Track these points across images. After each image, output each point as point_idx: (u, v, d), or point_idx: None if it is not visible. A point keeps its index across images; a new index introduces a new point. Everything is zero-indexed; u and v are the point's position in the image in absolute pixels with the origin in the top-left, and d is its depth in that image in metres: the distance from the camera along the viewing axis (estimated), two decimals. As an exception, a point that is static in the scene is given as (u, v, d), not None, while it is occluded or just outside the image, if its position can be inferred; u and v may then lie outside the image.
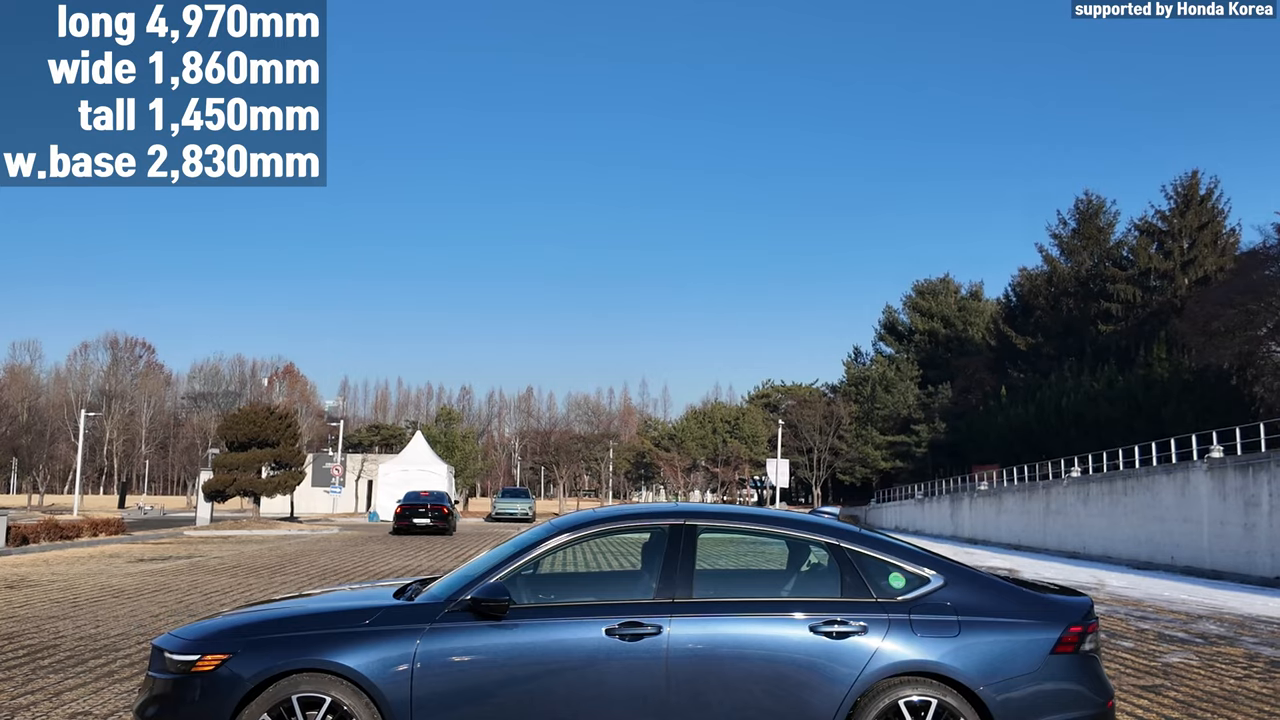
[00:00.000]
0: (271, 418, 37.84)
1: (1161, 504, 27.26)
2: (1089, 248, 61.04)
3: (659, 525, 5.40)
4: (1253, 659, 10.33)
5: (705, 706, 4.86)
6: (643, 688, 4.85)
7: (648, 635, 4.89)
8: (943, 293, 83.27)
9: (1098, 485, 32.27)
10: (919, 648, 4.94)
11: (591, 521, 5.52)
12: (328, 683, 4.79)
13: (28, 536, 25.04)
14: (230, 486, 36.45)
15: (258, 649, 4.87)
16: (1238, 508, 23.28)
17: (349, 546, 27.07)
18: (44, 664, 8.86)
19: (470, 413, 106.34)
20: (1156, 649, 10.88)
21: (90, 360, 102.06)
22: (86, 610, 12.62)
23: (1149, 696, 8.17)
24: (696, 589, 5.10)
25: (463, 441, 74.72)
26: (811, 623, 4.96)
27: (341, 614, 5.13)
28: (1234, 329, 39.96)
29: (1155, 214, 56.84)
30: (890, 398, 77.87)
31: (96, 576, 17.17)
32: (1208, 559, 24.21)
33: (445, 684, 4.82)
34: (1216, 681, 8.94)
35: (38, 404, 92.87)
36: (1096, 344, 56.60)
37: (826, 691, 4.87)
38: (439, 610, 4.98)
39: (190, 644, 4.98)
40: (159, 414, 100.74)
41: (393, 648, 4.84)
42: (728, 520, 5.83)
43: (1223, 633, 12.48)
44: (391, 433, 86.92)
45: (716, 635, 4.94)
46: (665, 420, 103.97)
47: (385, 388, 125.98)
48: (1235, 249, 51.92)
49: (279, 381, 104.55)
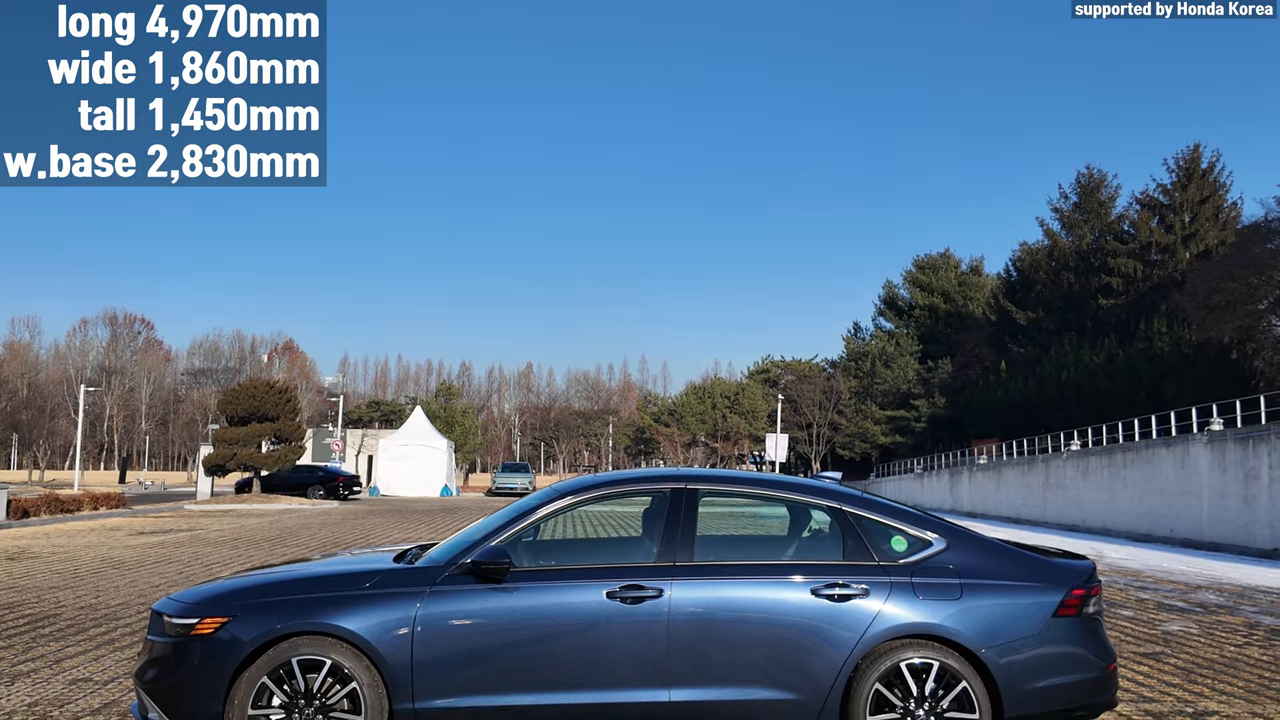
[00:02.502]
0: (271, 392, 37.78)
1: (1161, 477, 27.28)
2: (1090, 222, 60.79)
3: (660, 489, 5.37)
4: (1252, 627, 10.34)
5: (706, 669, 4.84)
6: (644, 650, 4.83)
7: (649, 598, 4.87)
8: (943, 268, 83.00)
9: (1097, 458, 32.30)
10: (921, 610, 4.92)
11: (593, 485, 5.49)
12: (328, 645, 4.77)
13: (28, 510, 25.07)
14: (230, 461, 36.45)
15: (257, 612, 4.85)
16: (1237, 480, 23.30)
17: (349, 520, 27.10)
18: (44, 632, 8.86)
19: (470, 388, 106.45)
20: (1156, 618, 10.89)
21: (90, 336, 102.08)
22: (87, 581, 12.63)
23: (1149, 664, 8.18)
24: (698, 553, 5.07)
25: (462, 417, 74.80)
26: (813, 585, 4.94)
27: (342, 577, 5.10)
28: (1235, 303, 39.83)
29: (1157, 188, 56.57)
30: (890, 373, 77.83)
31: (97, 549, 17.19)
32: (1207, 531, 24.26)
33: (446, 647, 4.80)
34: (1216, 649, 8.95)
35: (37, 380, 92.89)
36: (1097, 318, 56.49)
37: (828, 654, 4.85)
38: (440, 573, 4.96)
39: (189, 607, 4.95)
40: (159, 390, 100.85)
41: (393, 611, 4.82)
42: (730, 484, 5.80)
43: (1222, 602, 12.49)
44: (391, 408, 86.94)
45: (718, 598, 4.92)
46: (665, 396, 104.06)
47: (385, 364, 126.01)
48: (1237, 223, 51.66)
49: (278, 357, 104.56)
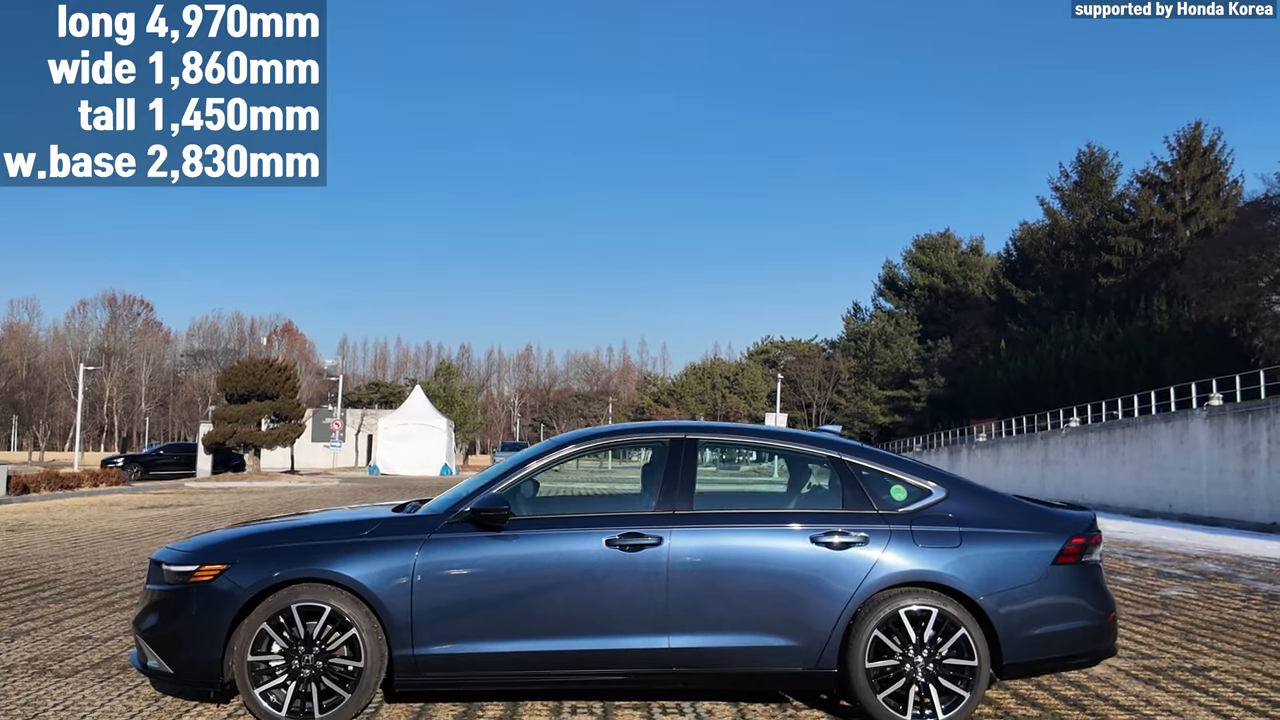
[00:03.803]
0: (271, 370, 37.77)
1: (1160, 452, 27.31)
2: (1090, 200, 60.69)
3: (660, 439, 5.36)
4: (1251, 593, 10.36)
5: (705, 617, 4.84)
6: (642, 599, 4.82)
7: (648, 546, 4.86)
8: (943, 248, 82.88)
9: (1096, 435, 32.32)
10: (920, 558, 4.92)
11: (594, 436, 5.48)
12: (327, 593, 4.77)
13: (28, 486, 25.09)
14: (230, 439, 36.47)
15: (256, 559, 4.84)
16: (1236, 455, 23.31)
17: (349, 495, 27.13)
18: (44, 595, 8.87)
19: (469, 370, 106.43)
20: (1154, 584, 10.91)
21: (89, 318, 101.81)
22: (87, 550, 12.65)
23: (1148, 624, 8.19)
24: (698, 503, 5.07)
25: (462, 396, 74.80)
26: (812, 533, 4.94)
27: (341, 525, 5.10)
28: (1235, 280, 39.79)
29: (1157, 165, 56.44)
30: (889, 352, 77.86)
31: (97, 521, 17.22)
32: (1205, 506, 24.30)
33: (444, 594, 4.79)
34: (1215, 612, 8.96)
35: (37, 362, 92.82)
36: (1097, 297, 56.45)
37: (827, 601, 4.85)
38: (439, 521, 4.95)
39: (188, 555, 4.95)
40: (158, 371, 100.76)
41: (392, 558, 4.81)
42: (729, 434, 5.79)
43: (1221, 570, 12.51)
44: (391, 390, 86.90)
45: (717, 546, 4.91)
46: (664, 376, 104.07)
47: (384, 346, 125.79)
48: (1237, 201, 51.56)
49: (278, 339, 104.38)
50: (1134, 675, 6.20)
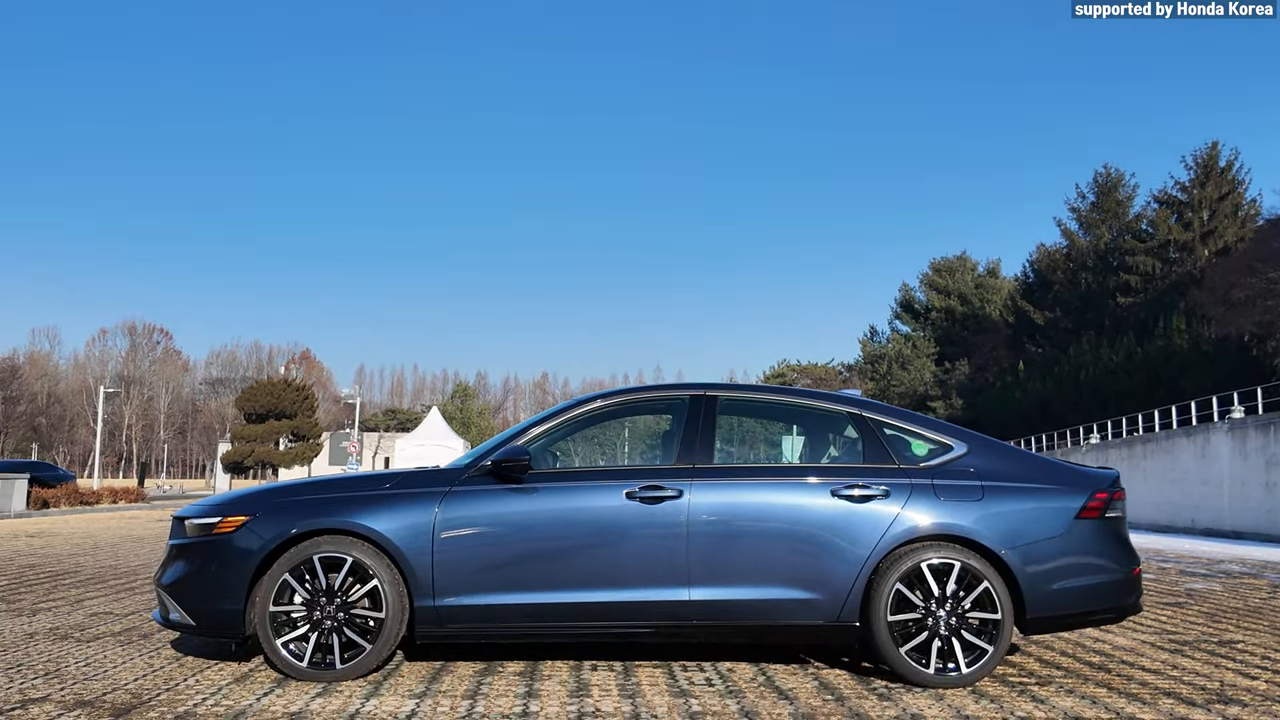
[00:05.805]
0: (289, 389, 37.98)
1: (1180, 466, 27.06)
2: (1108, 221, 60.50)
3: (680, 396, 5.37)
4: (1276, 587, 10.23)
5: (726, 569, 4.81)
6: (662, 551, 4.81)
7: (668, 499, 4.85)
8: (960, 270, 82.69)
9: (1116, 450, 32.08)
10: (942, 512, 4.89)
11: (615, 394, 5.50)
12: (349, 544, 4.78)
13: (48, 501, 25.24)
14: (248, 457, 36.63)
15: (279, 511, 4.87)
16: (1259, 467, 23.08)
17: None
18: (65, 583, 8.91)
19: (485, 396, 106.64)
20: (1179, 580, 10.80)
21: (109, 346, 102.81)
22: (106, 550, 12.70)
23: (1173, 609, 8.10)
24: (718, 458, 5.07)
25: (478, 418, 74.92)
26: (833, 486, 4.92)
27: (362, 479, 5.11)
28: (1255, 298, 39.50)
29: (1175, 185, 56.25)
30: (907, 375, 77.56)
31: (116, 530, 17.30)
32: (1228, 520, 24.03)
33: (466, 546, 4.79)
34: (1241, 601, 8.86)
35: (57, 390, 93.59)
36: (1115, 317, 56.15)
37: (848, 554, 4.82)
38: (460, 474, 4.97)
39: (211, 508, 4.98)
40: (177, 399, 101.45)
41: (414, 510, 4.82)
42: (750, 391, 5.78)
43: (1246, 571, 12.38)
44: (407, 416, 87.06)
45: (737, 500, 4.90)
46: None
47: (401, 373, 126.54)
48: (1256, 219, 51.31)
49: (295, 367, 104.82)
50: (1160, 646, 6.13)
